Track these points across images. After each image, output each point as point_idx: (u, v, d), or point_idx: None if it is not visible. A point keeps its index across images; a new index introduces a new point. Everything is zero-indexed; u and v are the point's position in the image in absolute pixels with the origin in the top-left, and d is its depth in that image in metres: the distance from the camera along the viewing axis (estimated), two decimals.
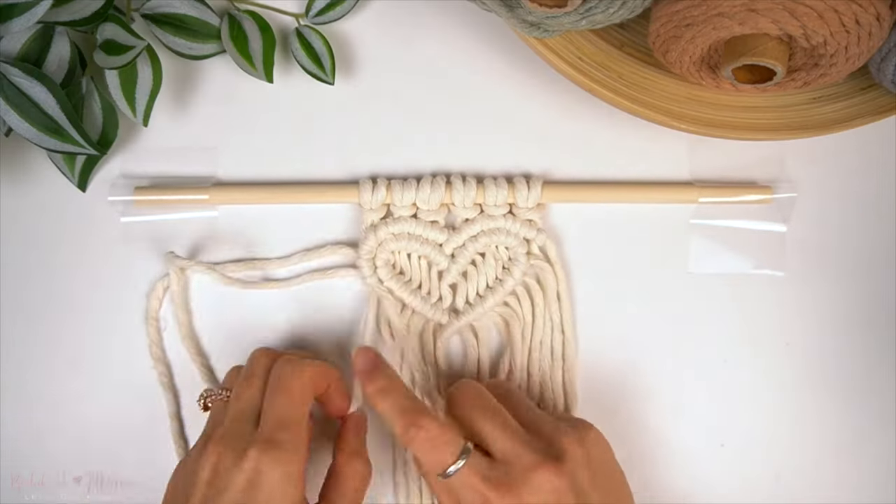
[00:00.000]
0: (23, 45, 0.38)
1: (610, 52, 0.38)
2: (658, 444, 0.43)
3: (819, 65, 0.33)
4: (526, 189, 0.42)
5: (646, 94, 0.38)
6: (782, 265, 0.44)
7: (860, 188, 0.45)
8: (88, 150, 0.38)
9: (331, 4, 0.43)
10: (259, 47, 0.42)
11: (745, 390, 0.44)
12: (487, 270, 0.43)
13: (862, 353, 0.44)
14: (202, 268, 0.42)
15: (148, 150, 0.44)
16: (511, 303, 0.43)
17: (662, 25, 0.33)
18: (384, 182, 0.42)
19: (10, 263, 0.43)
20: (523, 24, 0.33)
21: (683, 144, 0.44)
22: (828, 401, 0.44)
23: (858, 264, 0.44)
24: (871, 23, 0.30)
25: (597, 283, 0.44)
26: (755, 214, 0.44)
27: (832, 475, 0.43)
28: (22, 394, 0.43)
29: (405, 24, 0.45)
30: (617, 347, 0.43)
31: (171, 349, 0.43)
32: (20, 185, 0.44)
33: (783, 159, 0.44)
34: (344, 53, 0.45)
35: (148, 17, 0.41)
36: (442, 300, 0.43)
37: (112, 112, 0.42)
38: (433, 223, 0.43)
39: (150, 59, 0.41)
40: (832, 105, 0.39)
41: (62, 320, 0.43)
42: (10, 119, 0.37)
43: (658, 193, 0.43)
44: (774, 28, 0.31)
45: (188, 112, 0.44)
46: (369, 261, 0.42)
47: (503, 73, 0.44)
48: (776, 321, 0.44)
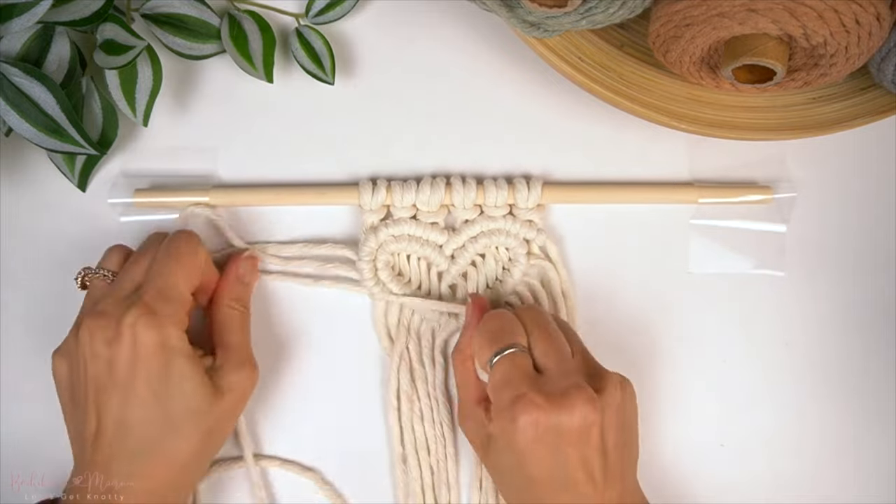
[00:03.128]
0: (23, 45, 0.38)
1: (610, 52, 0.38)
2: (658, 444, 0.43)
3: (819, 65, 0.33)
4: (526, 190, 0.42)
5: (646, 94, 0.38)
6: (782, 265, 0.44)
7: (860, 188, 0.45)
8: (88, 150, 0.38)
9: (331, 4, 0.43)
10: (259, 47, 0.42)
11: (744, 390, 0.44)
12: (487, 271, 0.43)
13: (862, 353, 0.44)
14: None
15: (148, 150, 0.44)
16: (513, 303, 0.43)
17: (662, 25, 0.33)
18: (384, 183, 0.42)
19: (10, 263, 0.43)
20: (523, 24, 0.33)
21: (683, 144, 0.44)
22: (828, 401, 0.44)
23: (858, 264, 0.44)
24: (871, 23, 0.30)
25: (597, 284, 0.44)
26: (755, 214, 0.44)
27: (832, 475, 0.43)
28: (22, 394, 0.43)
29: (405, 24, 0.45)
30: (616, 347, 0.43)
31: None
32: (20, 185, 0.44)
33: (783, 159, 0.44)
34: (344, 53, 0.45)
35: (148, 17, 0.41)
36: (442, 301, 0.43)
37: (112, 112, 0.42)
38: (433, 224, 0.43)
39: (150, 59, 0.41)
40: (832, 105, 0.39)
41: (62, 320, 0.43)
42: (10, 119, 0.37)
43: (658, 194, 0.43)
44: (774, 28, 0.31)
45: (188, 112, 0.44)
46: (369, 262, 0.42)
47: (503, 73, 0.44)
48: (776, 321, 0.44)
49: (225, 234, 0.43)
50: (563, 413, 0.34)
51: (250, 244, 0.43)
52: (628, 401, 0.37)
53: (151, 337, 0.35)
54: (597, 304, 0.44)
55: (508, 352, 0.36)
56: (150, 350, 0.35)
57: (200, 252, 0.39)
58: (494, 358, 0.36)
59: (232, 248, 0.43)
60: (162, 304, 0.36)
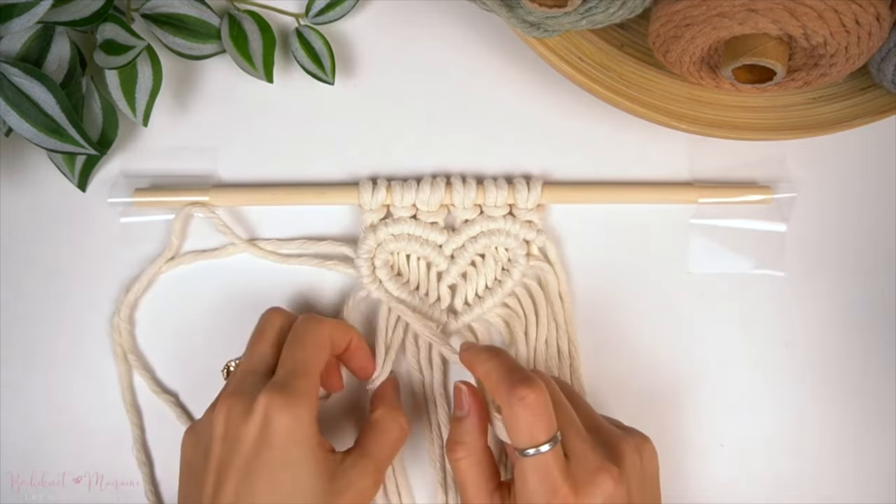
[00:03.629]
0: (23, 45, 0.38)
1: (610, 52, 0.38)
2: (658, 444, 0.43)
3: (819, 65, 0.33)
4: (526, 190, 0.42)
5: (646, 94, 0.38)
6: (782, 265, 0.44)
7: (860, 188, 0.45)
8: (88, 150, 0.38)
9: (331, 4, 0.43)
10: (259, 47, 0.42)
11: (744, 390, 0.44)
12: (487, 271, 0.43)
13: (862, 353, 0.44)
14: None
15: (148, 150, 0.44)
16: (510, 304, 0.43)
17: (662, 25, 0.33)
18: (384, 183, 0.42)
19: (10, 263, 0.43)
20: (523, 24, 0.33)
21: (683, 144, 0.44)
22: (828, 401, 0.44)
23: (858, 264, 0.44)
24: (871, 23, 0.30)
25: (596, 284, 0.44)
26: (755, 214, 0.44)
27: (832, 475, 0.43)
28: (22, 394, 0.43)
29: (405, 24, 0.45)
30: (616, 348, 0.43)
31: (170, 348, 0.43)
32: (20, 185, 0.44)
33: (783, 159, 0.44)
34: (344, 53, 0.45)
35: (148, 17, 0.41)
36: (440, 300, 0.43)
37: (112, 112, 0.42)
38: (433, 224, 0.43)
39: (150, 59, 0.41)
40: (832, 105, 0.39)
41: (62, 320, 0.43)
42: (10, 119, 0.37)
43: (658, 194, 0.43)
44: (774, 28, 0.31)
45: (188, 112, 0.44)
46: (368, 261, 0.42)
47: (503, 73, 0.44)
48: (776, 321, 0.44)
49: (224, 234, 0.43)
50: (591, 497, 0.33)
51: (249, 241, 0.43)
52: (647, 462, 0.36)
53: (283, 421, 0.34)
54: (596, 304, 0.44)
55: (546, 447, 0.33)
56: (279, 435, 0.34)
57: (325, 327, 0.38)
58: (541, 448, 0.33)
59: (233, 246, 0.43)
60: (294, 381, 0.35)
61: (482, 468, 0.37)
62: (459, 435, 0.37)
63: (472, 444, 0.37)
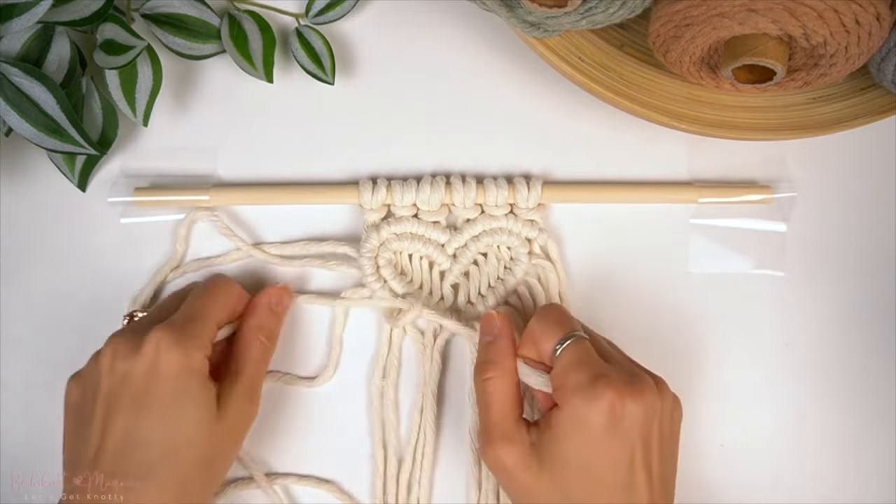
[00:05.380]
0: (23, 45, 0.38)
1: (610, 52, 0.38)
2: None
3: (819, 65, 0.33)
4: (526, 189, 0.42)
5: (646, 94, 0.38)
6: (782, 265, 0.44)
7: (860, 188, 0.45)
8: (88, 150, 0.38)
9: (331, 4, 0.43)
10: (259, 47, 0.42)
11: (744, 390, 0.44)
12: (489, 270, 0.43)
13: (862, 353, 0.44)
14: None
15: (148, 150, 0.44)
16: (512, 302, 0.43)
17: (662, 25, 0.33)
18: (384, 182, 0.42)
19: (10, 263, 0.43)
20: (523, 24, 0.33)
21: (683, 144, 0.44)
22: (828, 400, 0.44)
23: (858, 264, 0.44)
24: (871, 23, 0.30)
25: (596, 283, 0.44)
26: (755, 214, 0.44)
27: (832, 475, 0.43)
28: (22, 393, 0.43)
29: (405, 24, 0.45)
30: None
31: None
32: (20, 185, 0.44)
33: (783, 159, 0.44)
34: (344, 53, 0.45)
35: (148, 17, 0.41)
36: (443, 300, 0.43)
37: (112, 112, 0.42)
38: (434, 223, 0.43)
39: (150, 59, 0.41)
40: (832, 105, 0.39)
41: (62, 320, 0.43)
42: (10, 119, 0.37)
43: (658, 193, 0.43)
44: (774, 28, 0.31)
45: (188, 112, 0.44)
46: (371, 260, 0.42)
47: (503, 73, 0.44)
48: (776, 321, 0.44)
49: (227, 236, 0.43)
50: (636, 399, 0.33)
51: (251, 244, 0.43)
52: (675, 413, 0.36)
53: (173, 357, 0.34)
54: (596, 304, 0.44)
55: (578, 336, 0.36)
56: (169, 369, 0.34)
57: (234, 287, 0.39)
58: (565, 342, 0.35)
59: (238, 251, 0.43)
60: (188, 324, 0.36)
61: (511, 391, 0.37)
62: (490, 355, 0.37)
63: (503, 363, 0.37)
